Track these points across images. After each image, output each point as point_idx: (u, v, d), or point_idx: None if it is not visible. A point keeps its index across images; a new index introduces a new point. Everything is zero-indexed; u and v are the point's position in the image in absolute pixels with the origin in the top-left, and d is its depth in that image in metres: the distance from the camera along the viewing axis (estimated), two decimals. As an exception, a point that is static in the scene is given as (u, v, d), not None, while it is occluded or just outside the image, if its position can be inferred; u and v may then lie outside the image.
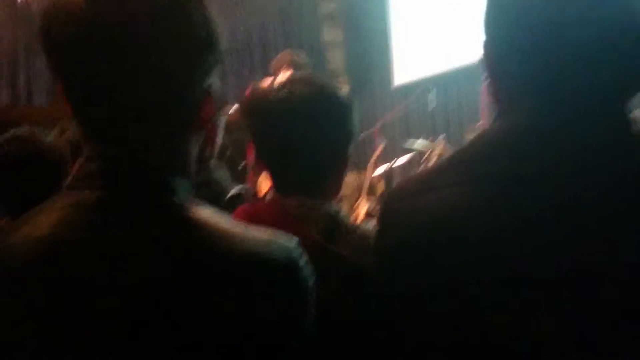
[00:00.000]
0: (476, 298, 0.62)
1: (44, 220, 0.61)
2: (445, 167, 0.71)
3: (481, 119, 3.10)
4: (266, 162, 0.98)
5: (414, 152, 5.10)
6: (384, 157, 5.05)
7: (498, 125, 0.70)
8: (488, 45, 0.72)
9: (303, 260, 0.65)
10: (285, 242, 0.65)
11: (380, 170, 5.10)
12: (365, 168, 4.84)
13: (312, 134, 0.92)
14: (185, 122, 0.66)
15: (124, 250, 0.59)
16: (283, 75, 0.95)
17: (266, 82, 3.36)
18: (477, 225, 0.63)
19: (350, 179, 5.70)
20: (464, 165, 0.69)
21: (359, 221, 4.47)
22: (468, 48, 3.97)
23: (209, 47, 0.64)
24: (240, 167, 2.92)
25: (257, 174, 1.01)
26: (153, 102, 0.62)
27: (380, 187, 5.43)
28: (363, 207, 4.52)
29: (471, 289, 0.62)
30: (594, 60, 0.63)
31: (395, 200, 0.74)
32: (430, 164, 4.25)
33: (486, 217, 0.63)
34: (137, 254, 0.59)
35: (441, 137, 4.29)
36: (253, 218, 0.71)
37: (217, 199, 1.26)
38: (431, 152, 4.31)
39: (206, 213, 0.64)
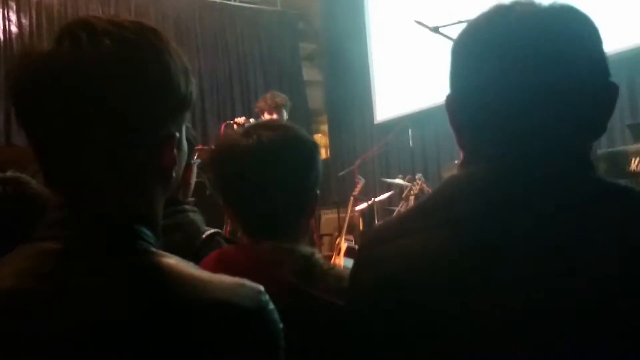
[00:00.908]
0: (446, 339, 0.63)
1: (7, 271, 0.61)
2: (415, 214, 0.74)
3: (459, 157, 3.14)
4: (235, 207, 0.97)
5: (392, 191, 5.15)
6: (364, 194, 5.08)
7: (461, 173, 0.73)
8: (451, 99, 0.75)
9: (271, 306, 0.64)
10: (252, 287, 0.64)
11: (360, 207, 5.12)
12: (345, 205, 4.86)
13: (280, 178, 0.93)
14: (145, 169, 0.65)
15: (85, 301, 0.58)
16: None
17: (239, 119, 3.38)
18: (445, 269, 0.64)
19: (330, 216, 5.70)
20: (431, 211, 0.71)
21: (340, 258, 4.45)
22: (446, 87, 4.04)
23: (168, 94, 0.64)
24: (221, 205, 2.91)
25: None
26: (109, 150, 0.61)
27: (360, 224, 5.44)
28: (343, 244, 4.51)
29: (441, 331, 0.63)
30: (549, 109, 0.66)
31: (368, 247, 0.76)
32: (410, 201, 4.28)
33: (453, 264, 0.64)
34: (99, 303, 0.58)
35: (418, 175, 4.33)
36: (225, 264, 0.71)
37: (190, 241, 1.26)
38: (410, 189, 4.35)
39: (171, 261, 0.63)
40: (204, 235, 1.30)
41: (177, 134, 0.67)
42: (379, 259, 0.71)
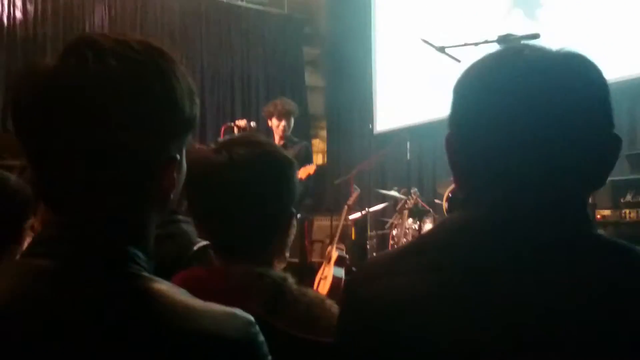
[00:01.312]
0: None
1: None
2: (406, 253, 0.72)
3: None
4: (206, 226, 0.94)
5: (386, 203, 5.15)
6: (359, 204, 5.08)
7: (458, 216, 0.72)
8: (451, 138, 0.73)
9: (260, 338, 0.64)
10: (243, 318, 0.64)
11: (354, 216, 5.11)
12: (339, 213, 4.85)
13: (252, 196, 0.89)
14: (143, 191, 0.64)
15: (74, 322, 0.58)
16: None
17: (240, 122, 3.36)
18: (434, 314, 0.63)
19: (323, 222, 5.69)
20: (424, 252, 0.70)
21: (330, 266, 4.45)
22: (447, 102, 4.05)
23: (172, 117, 0.63)
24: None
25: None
26: (109, 170, 0.61)
27: (353, 234, 5.44)
28: (334, 253, 4.50)
29: None
30: (552, 159, 0.65)
31: (358, 284, 0.75)
32: (403, 214, 4.28)
33: (443, 307, 0.64)
34: (89, 328, 0.58)
35: (414, 190, 4.34)
36: (194, 286, 0.68)
37: (181, 253, 1.25)
38: (404, 202, 4.35)
39: (162, 287, 0.63)
40: (195, 247, 1.29)
41: (178, 157, 0.66)
42: (366, 297, 0.71)
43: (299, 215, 4.12)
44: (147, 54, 0.62)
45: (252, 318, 0.64)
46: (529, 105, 0.65)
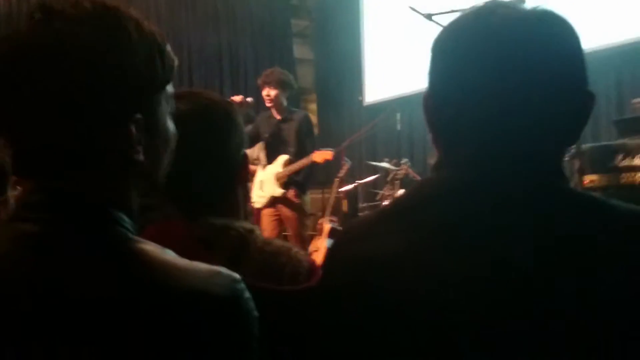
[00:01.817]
0: (407, 344, 0.63)
1: None
2: (386, 215, 0.74)
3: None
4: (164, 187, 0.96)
5: (377, 174, 5.17)
6: (350, 176, 5.10)
7: (433, 177, 0.73)
8: (428, 98, 0.74)
9: (246, 294, 0.64)
10: (227, 275, 0.64)
11: (345, 189, 5.13)
12: (330, 185, 4.86)
13: (196, 149, 0.89)
14: (112, 153, 0.65)
15: (62, 285, 0.58)
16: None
17: (235, 98, 3.29)
18: (411, 272, 0.65)
19: (314, 196, 5.71)
20: (401, 213, 0.71)
21: (322, 238, 4.48)
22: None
23: (128, 76, 0.63)
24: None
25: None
26: (70, 134, 0.61)
27: (345, 206, 5.46)
28: (326, 225, 4.53)
29: (403, 335, 0.64)
30: (525, 115, 0.66)
31: (339, 245, 0.76)
32: (395, 185, 4.31)
33: (419, 264, 0.65)
34: (76, 288, 0.59)
35: (404, 160, 4.35)
36: (161, 240, 0.69)
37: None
38: (395, 173, 4.37)
39: (148, 247, 0.63)
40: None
41: (140, 116, 0.65)
42: (347, 258, 0.72)
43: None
44: (99, 14, 0.62)
45: (237, 275, 0.65)
46: (501, 63, 0.66)
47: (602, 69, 3.99)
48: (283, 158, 3.86)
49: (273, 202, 3.90)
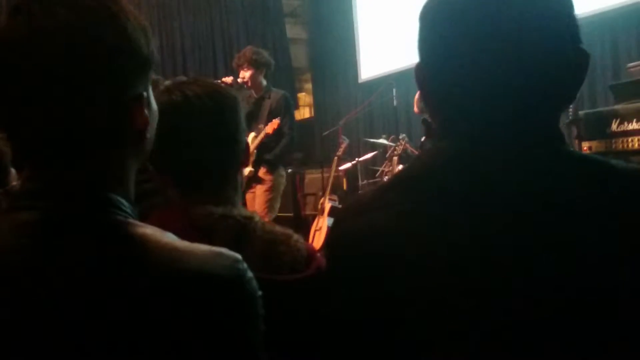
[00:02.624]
0: (411, 316, 0.63)
1: None
2: (386, 188, 0.73)
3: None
4: (166, 169, 0.95)
5: (376, 151, 5.16)
6: (348, 154, 5.10)
7: (434, 149, 0.73)
8: (419, 67, 0.73)
9: (249, 274, 0.64)
10: (229, 256, 0.64)
11: (345, 167, 5.13)
12: (329, 165, 4.86)
13: (210, 130, 0.91)
14: (115, 136, 0.65)
15: (62, 273, 0.58)
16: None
17: (226, 79, 3.23)
18: (415, 241, 0.65)
19: (314, 176, 5.72)
20: (403, 186, 0.71)
21: (323, 217, 4.49)
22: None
23: (128, 56, 0.64)
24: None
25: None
26: (74, 118, 0.61)
27: (344, 184, 5.47)
28: (327, 204, 4.55)
29: (408, 308, 0.64)
30: (520, 79, 0.65)
31: (341, 220, 0.76)
32: (393, 161, 4.30)
33: (423, 234, 0.65)
34: (75, 275, 0.59)
35: (402, 135, 4.34)
36: (161, 227, 0.70)
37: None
38: (394, 149, 4.37)
39: (147, 230, 0.63)
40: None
41: (145, 93, 0.67)
42: (349, 232, 0.72)
43: (289, 170, 4.09)
44: (100, 2, 0.63)
45: (239, 256, 0.65)
46: (492, 25, 0.66)
47: (597, 33, 3.96)
48: (250, 136, 3.76)
49: (247, 180, 3.78)
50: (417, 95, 2.93)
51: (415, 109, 2.95)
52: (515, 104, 0.66)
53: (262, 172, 3.74)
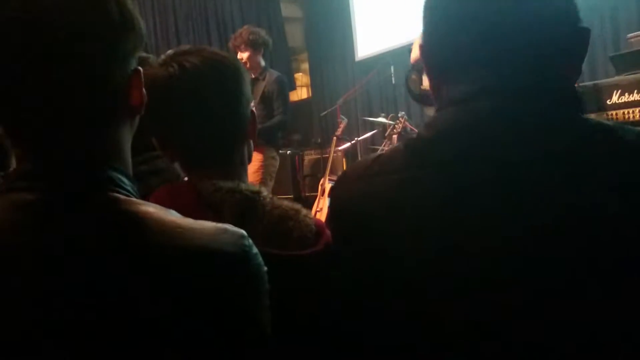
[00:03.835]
0: (420, 280, 0.64)
1: None
2: (393, 154, 0.73)
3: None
4: (169, 144, 0.93)
5: (375, 130, 5.14)
6: (347, 134, 5.07)
7: (443, 115, 0.71)
8: (426, 36, 0.73)
9: (254, 250, 0.64)
10: (234, 232, 0.64)
11: (344, 147, 5.12)
12: (328, 145, 4.85)
13: (209, 103, 0.89)
14: (111, 110, 0.64)
15: (63, 254, 0.58)
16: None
17: None
18: (419, 209, 0.65)
19: (313, 157, 5.70)
20: (411, 151, 0.70)
21: (324, 198, 4.49)
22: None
23: (124, 32, 0.64)
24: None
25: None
26: (71, 94, 0.61)
27: (344, 164, 5.46)
28: (327, 185, 4.54)
29: (416, 271, 0.64)
30: (522, 52, 0.65)
31: (345, 183, 0.76)
32: (393, 140, 4.28)
33: (429, 201, 0.65)
34: (78, 255, 0.58)
35: (401, 113, 4.31)
36: (175, 203, 0.68)
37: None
38: (393, 127, 4.34)
39: (150, 209, 0.63)
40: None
41: (140, 68, 0.67)
42: (354, 196, 0.72)
43: (288, 152, 4.07)
44: None
45: (244, 232, 0.65)
46: (497, 3, 0.66)
47: (596, 4, 3.91)
48: None
49: None
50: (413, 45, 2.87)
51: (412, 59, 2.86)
52: (523, 69, 0.66)
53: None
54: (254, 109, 0.95)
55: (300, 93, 7.55)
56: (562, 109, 0.66)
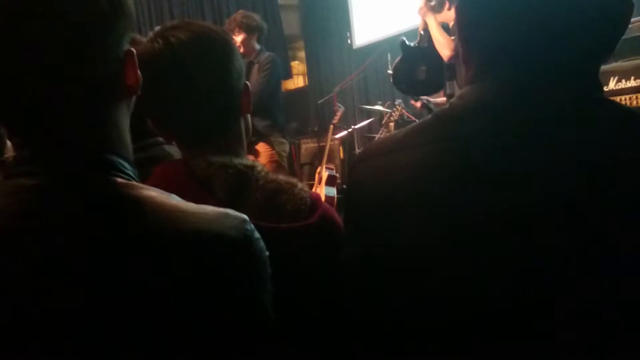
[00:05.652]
0: (439, 253, 0.64)
1: None
2: (417, 128, 0.73)
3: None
4: (163, 123, 0.92)
5: (372, 118, 5.13)
6: (344, 122, 5.06)
7: (470, 91, 0.71)
8: (460, 10, 0.73)
9: (256, 234, 0.64)
10: (236, 217, 0.64)
11: (340, 135, 5.11)
12: (325, 134, 4.83)
13: (197, 78, 0.87)
14: (107, 92, 0.64)
15: (69, 237, 0.57)
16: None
17: None
18: (443, 183, 0.65)
19: (310, 145, 5.69)
20: (437, 125, 0.70)
21: (321, 186, 4.49)
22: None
23: (114, 15, 0.63)
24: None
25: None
26: (65, 78, 0.60)
27: (341, 152, 5.45)
28: (324, 173, 4.54)
29: (434, 244, 0.64)
30: (560, 26, 0.65)
31: (365, 159, 0.75)
32: (390, 127, 4.27)
33: (449, 175, 0.65)
34: (79, 239, 0.58)
35: (398, 101, 4.30)
36: (167, 182, 0.68)
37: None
38: (390, 115, 4.33)
39: (152, 193, 0.62)
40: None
41: (132, 49, 0.66)
42: (373, 171, 0.72)
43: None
44: None
45: (245, 217, 0.65)
46: None
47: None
48: None
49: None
50: (444, 40, 2.90)
51: (448, 52, 2.88)
52: (553, 51, 0.66)
53: (259, 145, 3.71)
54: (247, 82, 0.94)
55: (297, 81, 7.51)
56: (594, 92, 0.67)
